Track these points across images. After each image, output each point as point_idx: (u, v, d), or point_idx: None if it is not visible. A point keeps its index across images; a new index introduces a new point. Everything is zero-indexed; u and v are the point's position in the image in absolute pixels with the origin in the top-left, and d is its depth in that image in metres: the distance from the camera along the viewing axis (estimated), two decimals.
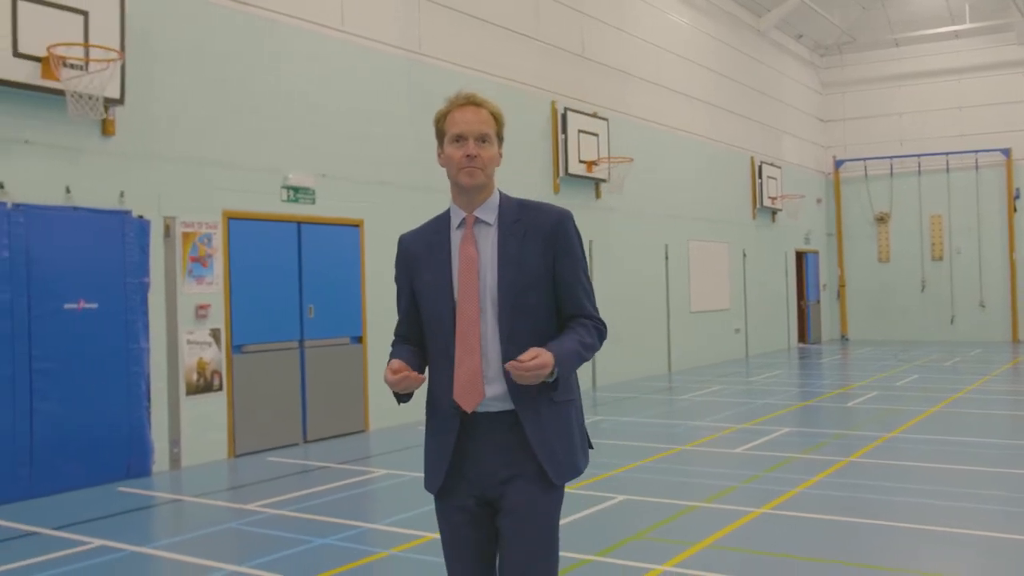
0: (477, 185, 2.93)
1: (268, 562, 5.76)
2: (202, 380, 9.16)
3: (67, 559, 5.96)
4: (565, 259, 2.96)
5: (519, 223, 2.95)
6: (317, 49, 10.56)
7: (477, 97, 2.97)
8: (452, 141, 2.93)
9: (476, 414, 2.91)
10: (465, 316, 2.90)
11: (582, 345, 2.93)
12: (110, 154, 8.52)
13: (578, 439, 3.00)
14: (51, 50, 7.74)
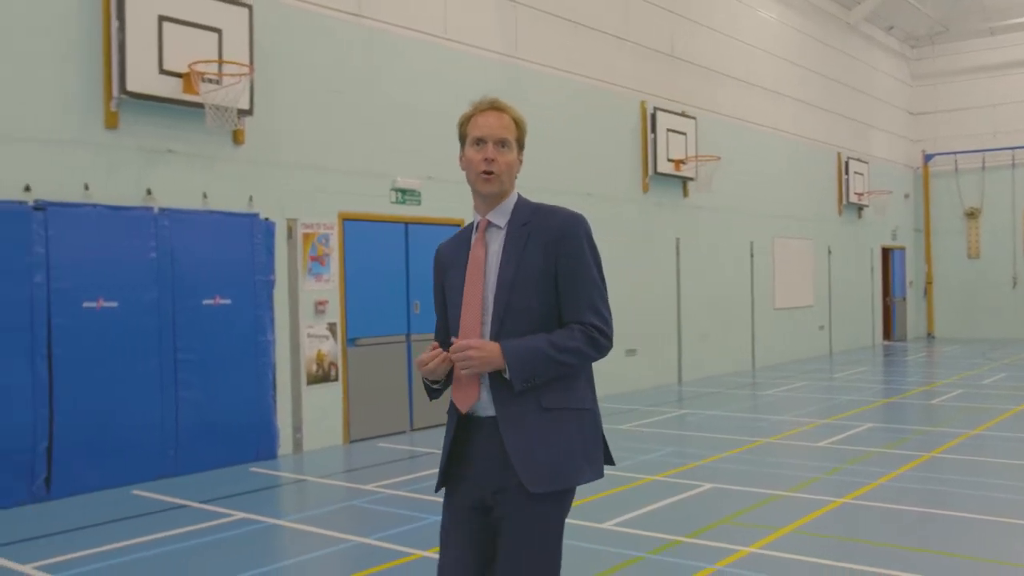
0: (493, 192, 2.98)
1: (389, 535, 6.43)
2: (320, 371, 9.94)
3: (216, 528, 6.73)
4: (568, 263, 2.95)
5: (527, 226, 2.98)
6: (422, 56, 11.23)
7: (500, 103, 3.03)
8: (473, 144, 2.99)
9: (472, 417, 2.95)
10: (467, 318, 2.94)
11: (553, 346, 2.87)
12: (240, 161, 9.32)
13: (579, 450, 2.92)
14: (192, 67, 8.54)
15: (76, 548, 6.22)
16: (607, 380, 13.94)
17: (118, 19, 8.20)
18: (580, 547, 6.02)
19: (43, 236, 7.76)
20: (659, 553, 5.85)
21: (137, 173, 8.50)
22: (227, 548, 6.29)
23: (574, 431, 2.93)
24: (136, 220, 8.39)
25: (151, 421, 8.43)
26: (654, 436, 10.42)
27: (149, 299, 8.44)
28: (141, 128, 8.53)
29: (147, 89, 8.38)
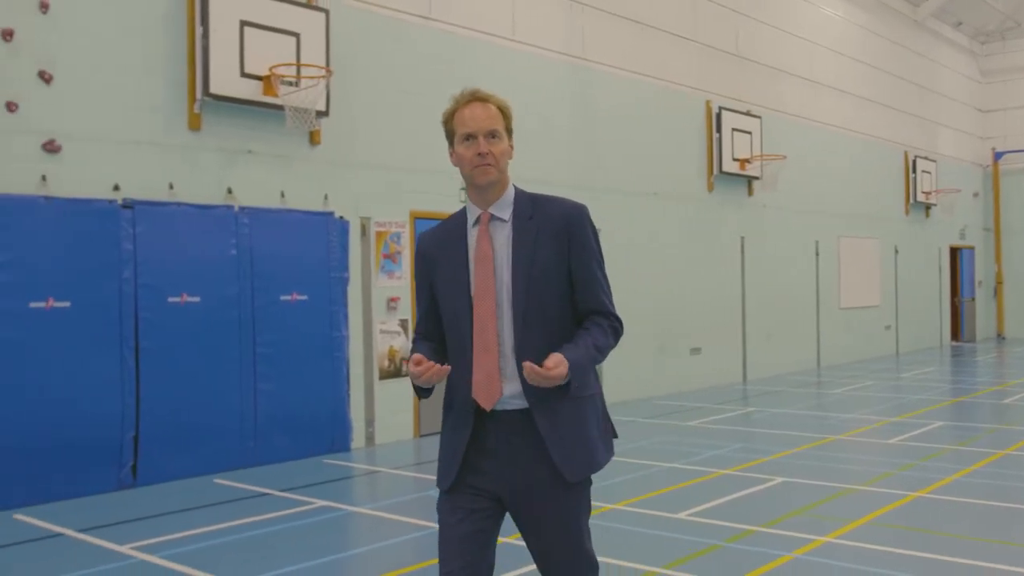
0: (491, 182, 2.94)
1: None
2: (392, 366, 10.16)
3: (299, 515, 6.95)
4: (579, 253, 2.96)
5: (533, 219, 2.95)
6: (490, 58, 11.40)
7: (482, 92, 2.97)
8: (463, 140, 2.94)
9: (493, 411, 2.93)
10: (482, 313, 2.91)
11: (596, 348, 2.92)
12: (316, 161, 9.58)
13: (597, 432, 3.00)
14: (272, 70, 8.81)
15: (163, 532, 6.47)
16: (672, 378, 14.00)
17: (202, 25, 8.50)
18: (656, 535, 6.13)
19: (131, 233, 8.07)
20: (735, 541, 5.93)
21: (218, 173, 8.79)
22: (310, 534, 6.50)
23: (591, 416, 2.99)
24: (218, 218, 8.68)
25: (231, 412, 8.71)
26: (722, 432, 10.46)
27: (230, 294, 8.72)
28: (222, 129, 8.82)
29: (229, 92, 8.66)
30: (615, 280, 9.24)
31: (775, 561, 5.50)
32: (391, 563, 5.74)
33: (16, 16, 7.54)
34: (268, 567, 5.63)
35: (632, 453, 9.19)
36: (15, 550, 6.16)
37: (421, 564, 5.63)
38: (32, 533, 6.52)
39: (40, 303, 7.50)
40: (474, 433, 2.95)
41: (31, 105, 7.62)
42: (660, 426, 10.94)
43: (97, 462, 7.83)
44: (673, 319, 14.13)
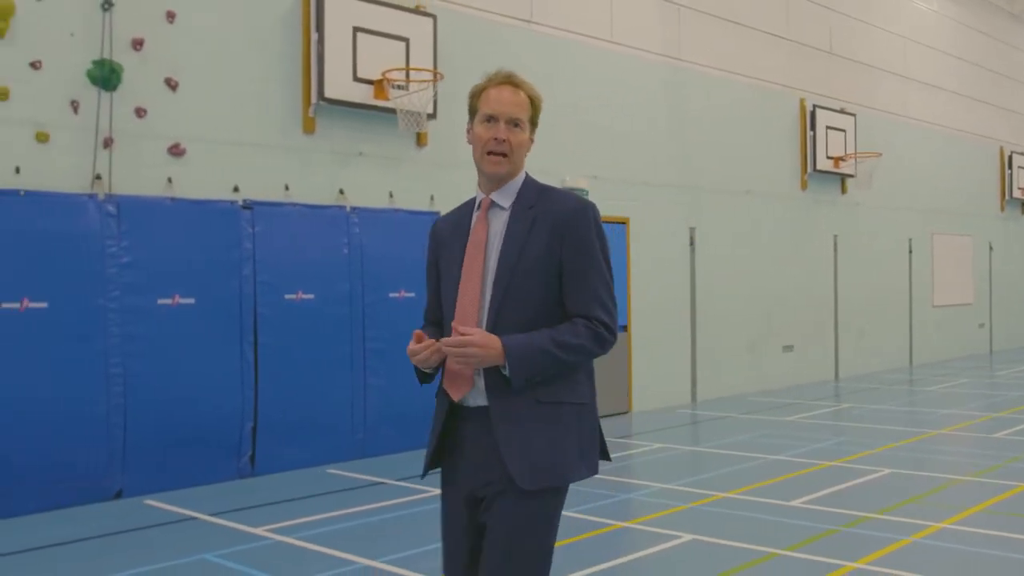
0: (500, 174, 2.84)
1: (591, 508, 6.78)
2: None
3: (417, 503, 7.21)
4: (574, 252, 2.78)
5: (532, 209, 2.82)
6: (589, 60, 11.58)
7: (516, 78, 2.87)
8: (483, 120, 2.84)
9: (465, 407, 2.81)
10: (464, 301, 2.80)
11: (556, 343, 2.71)
12: (423, 162, 9.87)
13: (576, 446, 2.78)
14: (384, 74, 9.13)
15: (290, 517, 6.78)
16: (764, 375, 13.99)
17: (317, 32, 8.85)
18: (773, 520, 6.25)
19: (250, 233, 8.44)
20: (852, 527, 6.03)
21: (331, 174, 9.13)
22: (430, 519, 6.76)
23: (569, 426, 2.77)
24: (331, 218, 9.02)
25: (342, 405, 9.03)
26: (821, 427, 10.46)
27: (341, 291, 9.05)
28: (335, 132, 9.16)
29: (342, 96, 9.00)
30: (710, 277, 9.59)
31: (893, 544, 5.60)
32: None
33: (146, 26, 7.96)
34: (395, 549, 5.90)
35: (734, 446, 9.27)
36: (155, 531, 6.53)
37: None
38: (166, 517, 6.89)
39: (167, 300, 7.90)
40: (446, 426, 2.85)
41: (158, 111, 8.03)
42: (758, 421, 10.98)
43: (218, 452, 8.20)
44: (766, 317, 14.13)
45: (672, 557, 5.56)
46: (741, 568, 5.28)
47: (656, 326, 12.32)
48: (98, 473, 7.37)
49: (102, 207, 7.52)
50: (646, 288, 12.13)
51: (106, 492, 7.41)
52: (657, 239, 12.39)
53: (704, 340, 13.02)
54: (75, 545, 6.19)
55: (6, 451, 6.88)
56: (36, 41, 7.35)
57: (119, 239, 7.57)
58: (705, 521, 6.40)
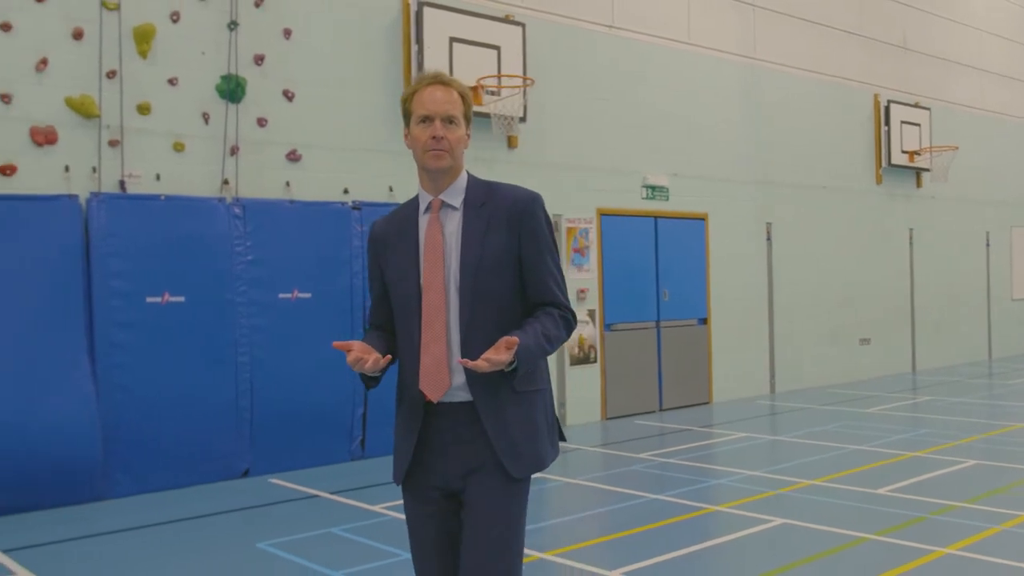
0: (443, 168, 2.85)
1: (681, 492, 7.25)
2: (581, 353, 10.90)
3: None
4: (530, 243, 2.85)
5: (485, 206, 2.86)
6: (668, 61, 11.99)
7: (444, 76, 2.89)
8: (419, 122, 2.85)
9: (441, 404, 2.82)
10: (430, 302, 2.80)
11: (546, 337, 2.80)
12: (513, 163, 10.40)
13: (545, 430, 2.91)
14: (479, 81, 9.67)
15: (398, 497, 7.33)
16: (841, 368, 14.28)
17: (417, 43, 9.42)
18: (860, 507, 6.63)
19: (359, 231, 9.04)
20: (940, 514, 6.38)
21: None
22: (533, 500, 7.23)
23: (540, 412, 2.90)
24: None
25: None
26: (903, 419, 10.76)
27: None
28: None
29: None
30: (786, 271, 10.10)
31: (983, 532, 5.93)
32: (595, 531, 6.47)
33: (266, 43, 8.59)
34: None
35: (817, 436, 9.65)
36: (283, 507, 7.16)
37: (625, 532, 6.33)
38: (291, 494, 7.52)
39: (287, 295, 8.53)
40: (423, 427, 2.86)
41: (277, 120, 8.66)
42: (838, 412, 11.31)
43: (333, 435, 8.82)
44: (842, 310, 14.40)
45: (765, 539, 5.97)
46: (833, 551, 5.67)
47: (734, 319, 12.70)
48: (228, 453, 8.05)
49: (230, 209, 8.18)
50: (724, 282, 12.53)
51: (235, 471, 8.09)
52: (734, 234, 12.76)
53: (782, 333, 13.36)
54: (214, 518, 6.84)
55: (150, 432, 7.58)
56: (173, 60, 8.04)
57: (245, 239, 8.23)
58: (794, 506, 6.81)
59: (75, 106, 7.58)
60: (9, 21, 7.32)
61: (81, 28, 7.62)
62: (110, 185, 7.71)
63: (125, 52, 7.81)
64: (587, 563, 5.51)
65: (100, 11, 7.70)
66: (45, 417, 7.02)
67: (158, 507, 7.15)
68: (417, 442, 2.85)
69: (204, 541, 6.27)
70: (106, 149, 7.72)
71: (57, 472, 7.05)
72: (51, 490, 7.06)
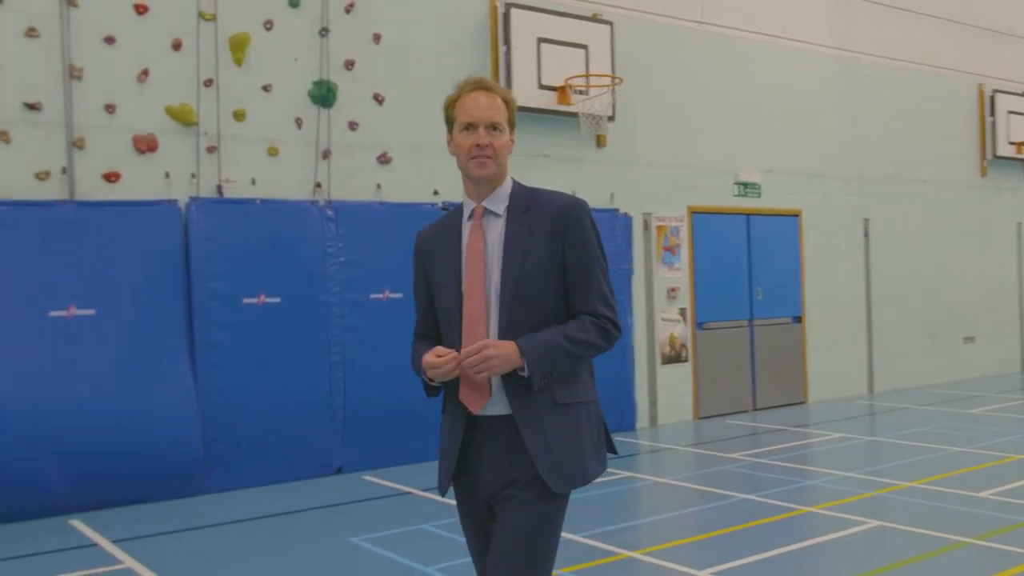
0: (487, 176, 2.80)
1: (774, 493, 7.13)
2: (673, 352, 10.82)
3: (607, 484, 7.68)
4: (574, 251, 2.78)
5: (528, 213, 2.80)
6: (761, 56, 11.79)
7: (487, 82, 2.84)
8: (462, 129, 2.80)
9: (482, 416, 2.77)
10: (471, 310, 2.76)
11: (568, 339, 2.72)
12: (602, 162, 10.37)
13: (589, 444, 2.82)
14: (567, 81, 9.67)
15: None
16: (945, 367, 13.82)
17: (505, 44, 9.48)
18: (959, 511, 6.43)
19: None
20: None
21: (518, 176, 9.60)
22: (624, 499, 7.27)
23: (584, 425, 2.81)
24: None
25: None
26: (1008, 420, 10.38)
27: None
28: (521, 137, 9.58)
29: (528, 102, 9.58)
30: (885, 267, 9.77)
31: None
32: (684, 531, 6.41)
33: (356, 49, 8.76)
34: (589, 526, 6.39)
35: (915, 437, 9.38)
36: (378, 503, 7.29)
37: (715, 532, 6.25)
38: (383, 491, 7.65)
39: (378, 295, 8.68)
40: (465, 438, 2.81)
41: (368, 123, 8.82)
42: (940, 413, 10.96)
43: (423, 433, 8.87)
44: (945, 307, 13.94)
45: (859, 542, 5.83)
46: (931, 554, 5.51)
47: (831, 317, 12.42)
48: (322, 450, 8.23)
49: (322, 212, 8.36)
50: (820, 280, 12.27)
51: (328, 468, 8.26)
52: (830, 230, 12.48)
53: (880, 331, 13.00)
54: (308, 513, 7.00)
55: (247, 429, 7.81)
56: (266, 67, 8.27)
57: (337, 240, 8.40)
58: (890, 508, 6.64)
59: (174, 114, 7.86)
60: (113, 35, 7.63)
61: (180, 39, 7.90)
62: (208, 190, 7.98)
63: (221, 61, 8.06)
64: (676, 563, 5.46)
65: (198, 22, 7.97)
66: (149, 415, 7.29)
67: (254, 502, 7.36)
68: (460, 454, 2.82)
69: (298, 535, 6.43)
70: (204, 155, 7.99)
71: (160, 467, 7.32)
72: (154, 485, 7.33)
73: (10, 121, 7.25)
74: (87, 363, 7.14)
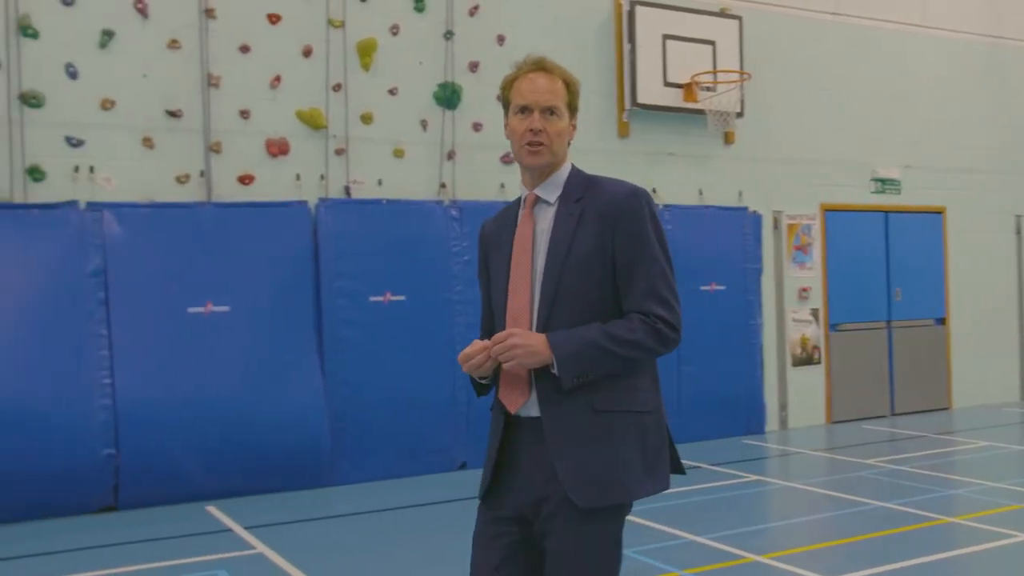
0: (539, 165, 2.62)
1: (914, 502, 6.81)
2: (804, 354, 10.48)
3: (735, 486, 7.54)
4: (627, 244, 2.55)
5: (580, 202, 2.59)
6: (900, 46, 11.31)
7: (547, 63, 2.64)
8: (517, 112, 2.61)
9: (520, 417, 2.58)
10: (515, 305, 2.59)
11: (610, 338, 2.47)
12: (730, 159, 10.16)
13: (639, 459, 2.53)
14: (693, 78, 9.52)
15: None
16: None
17: (629, 42, 9.40)
18: None
19: None
20: None
21: (644, 175, 9.63)
22: (752, 502, 7.08)
23: (631, 437, 2.52)
24: None
25: (664, 391, 9.46)
26: None
27: None
28: (647, 135, 9.67)
29: (653, 100, 9.49)
30: None
31: None
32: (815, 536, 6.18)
33: (480, 51, 8.85)
34: (718, 528, 6.26)
35: None
36: None
37: (848, 539, 5.99)
38: None
39: None
40: (504, 440, 2.63)
41: (492, 125, 8.89)
42: None
43: None
44: None
45: (1007, 555, 5.50)
46: None
47: (978, 319, 11.79)
48: (446, 446, 8.33)
49: (447, 211, 8.48)
50: (966, 281, 11.66)
51: (452, 463, 8.35)
52: (978, 229, 11.84)
53: None
54: (433, 506, 7.10)
55: (373, 424, 7.98)
56: (393, 71, 8.45)
57: (461, 239, 8.49)
58: None
59: (305, 119, 8.12)
60: (248, 44, 7.94)
61: (310, 46, 8.16)
62: (336, 191, 8.21)
63: (349, 66, 8.28)
64: (805, 568, 5.28)
65: (327, 29, 8.21)
66: (279, 408, 7.53)
67: (380, 495, 7.50)
68: (500, 455, 2.63)
69: (423, 528, 6.52)
70: (332, 158, 8.22)
71: (290, 459, 7.55)
72: (285, 475, 7.57)
73: (154, 128, 7.64)
74: (222, 357, 7.43)
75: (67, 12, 7.38)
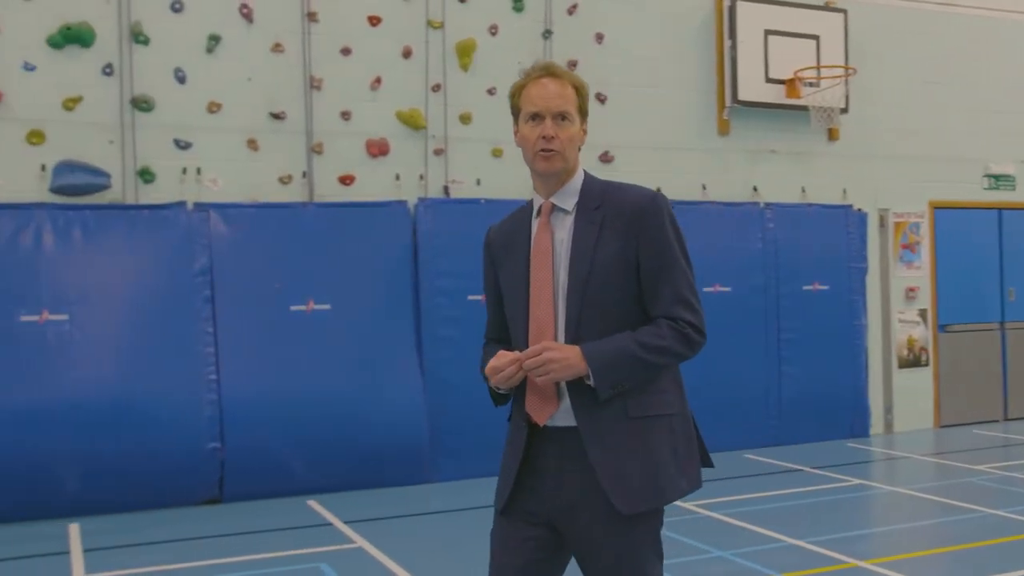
0: (554, 172, 2.58)
1: (1021, 510, 6.53)
2: (911, 355, 10.17)
3: (838, 490, 7.36)
4: (649, 249, 2.53)
5: (599, 209, 2.57)
6: (1013, 37, 10.85)
7: (556, 68, 2.61)
8: (527, 120, 2.58)
9: (547, 427, 2.57)
10: (538, 316, 2.57)
11: (641, 345, 2.48)
12: (834, 156, 9.91)
13: (672, 460, 2.54)
14: (796, 74, 9.33)
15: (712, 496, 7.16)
16: None
17: (730, 38, 9.26)
18: None
19: None
20: None
21: (745, 173, 9.50)
22: (855, 507, 6.91)
23: (664, 440, 2.54)
24: (745, 215, 9.38)
25: (757, 392, 9.34)
26: None
27: (756, 284, 9.37)
28: (748, 132, 9.51)
29: (754, 97, 9.33)
30: None
31: None
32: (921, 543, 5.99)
33: (579, 49, 8.85)
34: (819, 531, 6.11)
35: None
36: None
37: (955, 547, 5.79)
38: None
39: None
40: (527, 451, 2.60)
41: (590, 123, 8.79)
42: None
43: None
44: None
45: None
46: None
47: None
48: None
49: None
50: None
51: None
52: None
53: None
54: None
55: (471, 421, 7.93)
56: (491, 71, 8.50)
57: None
58: None
59: (404, 119, 8.24)
60: (349, 46, 8.10)
61: (410, 47, 8.28)
62: (435, 191, 8.31)
63: (448, 66, 8.37)
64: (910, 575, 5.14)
65: (426, 30, 8.32)
66: (379, 405, 7.66)
67: (478, 492, 7.51)
68: (522, 467, 2.60)
69: None
70: (431, 158, 8.32)
71: (390, 455, 7.68)
72: (385, 471, 7.69)
73: (259, 130, 7.86)
74: (323, 355, 7.60)
75: (176, 19, 7.66)
